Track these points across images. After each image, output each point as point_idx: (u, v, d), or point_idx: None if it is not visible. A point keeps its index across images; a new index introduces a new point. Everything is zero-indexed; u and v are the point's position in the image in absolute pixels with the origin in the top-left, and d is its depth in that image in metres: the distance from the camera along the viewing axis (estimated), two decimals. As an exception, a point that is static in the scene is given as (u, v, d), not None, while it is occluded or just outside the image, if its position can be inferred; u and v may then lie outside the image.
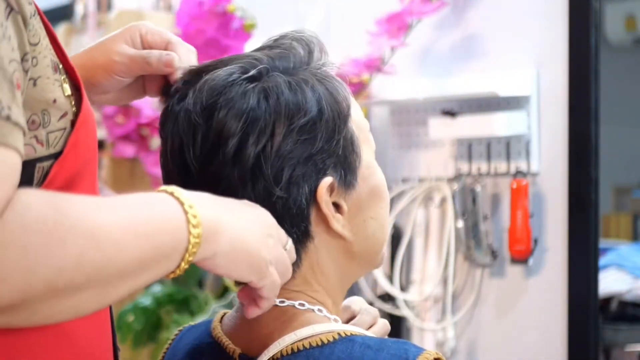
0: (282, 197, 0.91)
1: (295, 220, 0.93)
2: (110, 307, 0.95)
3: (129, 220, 0.76)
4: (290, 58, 0.96)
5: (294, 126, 0.91)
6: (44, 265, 0.70)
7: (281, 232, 0.91)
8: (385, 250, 1.04)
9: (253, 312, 0.92)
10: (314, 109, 0.92)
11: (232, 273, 0.87)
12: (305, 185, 0.92)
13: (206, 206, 0.83)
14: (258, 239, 0.87)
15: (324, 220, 0.95)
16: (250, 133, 0.89)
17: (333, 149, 0.93)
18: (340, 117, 0.94)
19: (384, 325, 1.07)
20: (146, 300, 2.72)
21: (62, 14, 3.59)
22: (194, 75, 0.96)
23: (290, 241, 0.92)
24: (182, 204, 0.81)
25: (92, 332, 0.89)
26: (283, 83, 0.92)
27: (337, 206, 0.95)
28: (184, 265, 0.81)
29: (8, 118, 0.71)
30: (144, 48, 1.03)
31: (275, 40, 1.00)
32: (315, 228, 0.95)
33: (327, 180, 0.93)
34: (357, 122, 0.98)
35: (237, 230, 0.85)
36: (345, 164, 0.95)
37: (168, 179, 0.95)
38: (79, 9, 3.43)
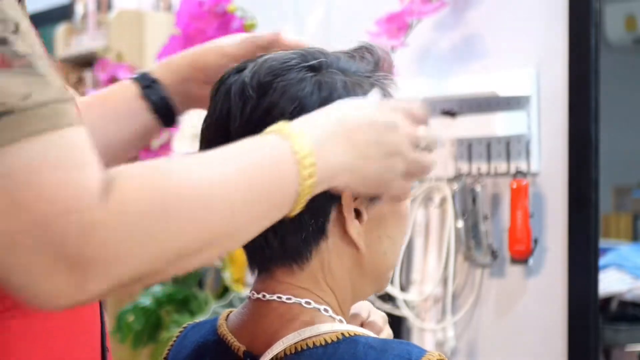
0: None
1: (315, 213, 0.93)
2: (101, 308, 0.96)
3: (238, 176, 0.78)
4: (355, 62, 0.99)
5: None
6: (167, 237, 0.72)
7: (413, 133, 0.91)
8: (390, 275, 1.05)
9: None
10: None
11: (354, 192, 0.91)
12: None
13: (321, 149, 0.83)
14: (380, 165, 0.88)
15: (342, 222, 0.95)
16: (297, 117, 0.90)
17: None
18: None
19: (388, 336, 1.07)
20: (146, 300, 2.72)
21: (62, 14, 3.59)
22: (256, 57, 0.99)
23: (425, 138, 0.92)
24: (295, 153, 0.82)
25: (75, 334, 0.89)
26: (339, 81, 0.94)
27: (358, 213, 0.96)
28: (298, 208, 0.84)
29: (70, 98, 0.73)
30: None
31: (355, 47, 1.03)
32: (332, 228, 0.95)
33: (348, 193, 0.94)
34: None
35: (358, 162, 0.87)
36: None
37: (206, 143, 0.97)
38: (79, 9, 3.43)
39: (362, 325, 1.07)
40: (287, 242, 0.94)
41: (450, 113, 2.22)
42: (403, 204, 1.00)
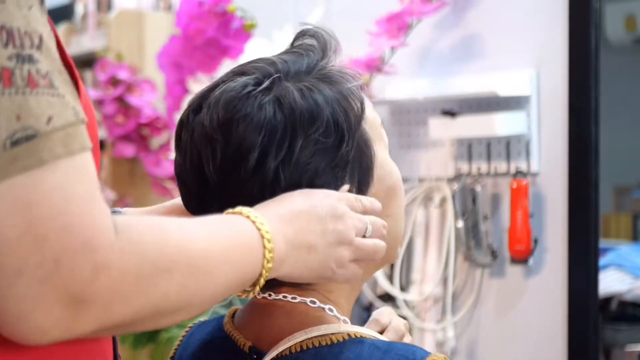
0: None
1: None
2: None
3: (219, 249, 0.81)
4: (304, 60, 0.96)
5: (311, 137, 0.91)
6: (154, 292, 0.74)
7: (357, 224, 0.92)
8: (401, 247, 1.05)
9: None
10: (328, 117, 0.92)
11: (298, 281, 0.92)
12: None
13: (278, 236, 0.86)
14: (323, 255, 0.90)
15: None
16: (270, 146, 0.90)
17: (348, 153, 0.94)
18: (353, 121, 0.94)
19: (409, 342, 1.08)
20: (146, 300, 2.72)
21: (62, 14, 3.59)
22: (209, 89, 0.96)
23: (369, 226, 0.93)
24: (262, 236, 0.84)
25: (87, 341, 0.89)
26: (295, 91, 0.92)
27: None
28: (257, 289, 0.86)
29: (83, 120, 0.73)
30: None
31: (298, 36, 1.01)
32: None
33: (344, 189, 0.94)
34: (370, 120, 0.98)
35: (302, 252, 0.88)
36: (361, 168, 0.96)
37: (185, 189, 0.96)
38: (79, 9, 3.43)
39: (382, 330, 1.07)
40: None
41: (450, 113, 2.22)
42: (394, 181, 1.00)
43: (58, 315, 0.70)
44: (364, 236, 0.93)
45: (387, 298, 2.37)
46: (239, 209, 0.85)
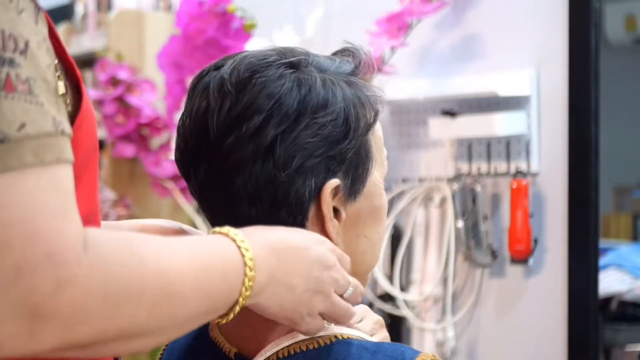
0: (285, 183, 0.92)
1: (293, 211, 0.93)
2: None
3: (197, 274, 0.78)
4: (334, 63, 0.99)
5: (317, 121, 0.92)
6: (120, 313, 0.71)
7: (340, 281, 0.91)
8: (369, 277, 1.05)
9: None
10: (340, 111, 0.94)
11: (265, 314, 0.90)
12: (312, 179, 0.93)
13: (262, 264, 0.84)
14: (299, 298, 0.88)
15: (321, 220, 0.95)
16: (275, 115, 0.91)
17: (347, 153, 0.94)
18: (363, 125, 0.96)
19: (384, 339, 1.07)
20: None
21: (62, 14, 3.59)
22: (235, 53, 0.98)
23: (351, 289, 0.93)
24: (244, 263, 0.82)
25: None
26: (318, 78, 0.94)
27: (336, 212, 0.96)
28: (231, 317, 0.84)
29: (63, 132, 0.72)
30: None
31: (337, 51, 1.03)
32: (311, 227, 0.95)
33: (334, 182, 0.94)
34: (377, 142, 0.99)
35: (280, 288, 0.87)
36: (355, 173, 0.96)
37: (183, 142, 0.96)
38: (79, 9, 3.43)
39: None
40: None
41: (450, 113, 2.22)
42: (381, 204, 1.00)
43: (13, 329, 0.66)
44: (342, 295, 0.92)
45: (387, 298, 2.37)
46: (226, 229, 0.84)
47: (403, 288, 2.35)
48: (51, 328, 0.67)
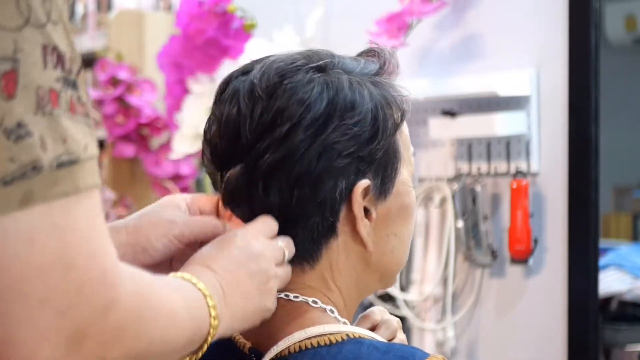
0: (315, 185, 0.93)
1: (325, 213, 0.95)
2: None
3: (184, 305, 0.80)
4: (360, 64, 1.00)
5: (345, 122, 0.94)
6: (145, 335, 0.73)
7: (275, 253, 0.93)
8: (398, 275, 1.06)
9: None
10: (368, 112, 0.95)
11: (237, 331, 0.94)
12: (343, 180, 0.94)
13: (217, 297, 0.86)
14: (257, 300, 0.91)
15: (352, 221, 0.96)
16: (305, 119, 0.93)
17: (376, 153, 0.96)
18: (390, 125, 0.98)
19: (401, 341, 1.07)
20: (146, 300, 2.72)
21: (62, 14, 3.58)
22: (262, 57, 0.99)
23: (286, 251, 0.94)
24: (205, 296, 0.84)
25: None
26: (345, 80, 0.96)
27: (366, 212, 0.97)
28: (199, 355, 0.86)
29: (97, 155, 0.72)
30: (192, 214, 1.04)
31: (361, 52, 1.04)
32: (342, 227, 0.96)
33: (364, 182, 0.95)
34: (405, 139, 1.02)
35: (238, 307, 0.89)
36: (384, 173, 0.98)
37: (215, 145, 0.97)
38: (79, 9, 3.43)
39: (374, 327, 1.07)
40: (298, 242, 0.95)
41: (450, 113, 2.22)
42: (410, 202, 1.01)
43: (54, 347, 0.66)
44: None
45: (387, 298, 2.37)
46: (179, 274, 0.86)
47: (403, 288, 2.35)
48: (91, 347, 0.68)
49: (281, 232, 0.95)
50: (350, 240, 0.97)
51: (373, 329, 1.06)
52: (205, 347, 0.85)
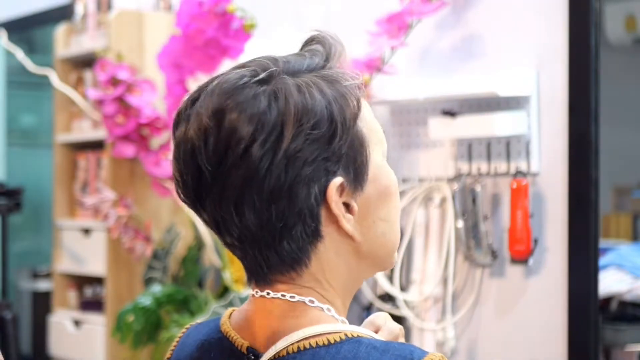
0: (289, 197, 0.92)
1: (306, 220, 0.94)
2: None
3: None
4: (305, 60, 0.98)
5: (302, 128, 0.92)
6: None
7: None
8: (397, 253, 1.04)
9: None
10: (323, 111, 0.93)
11: None
12: (315, 185, 0.93)
13: None
14: None
15: (335, 220, 0.95)
16: (259, 136, 0.91)
17: (342, 149, 0.94)
18: (349, 118, 0.95)
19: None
20: (146, 300, 2.72)
21: (62, 14, 3.59)
22: (209, 81, 0.97)
23: None
24: None
25: None
26: (292, 86, 0.93)
27: (347, 206, 0.96)
28: None
29: None
30: None
31: (305, 42, 1.02)
32: (326, 228, 0.95)
33: (337, 181, 0.94)
34: (368, 122, 0.98)
35: None
36: (355, 165, 0.96)
37: (182, 182, 0.96)
38: (79, 9, 3.43)
39: (376, 331, 1.07)
40: (284, 254, 0.95)
41: (450, 113, 2.22)
42: (389, 182, 1.00)
43: None
44: None
45: (387, 298, 2.37)
46: None
47: (403, 288, 2.35)
48: None
49: (267, 248, 0.94)
50: (338, 238, 0.96)
51: (375, 333, 1.06)
52: None
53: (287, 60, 0.97)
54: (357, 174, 0.96)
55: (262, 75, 0.94)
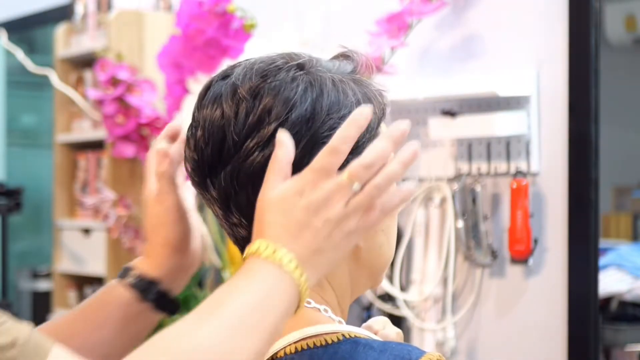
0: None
1: None
2: None
3: (255, 316, 0.82)
4: (336, 63, 1.00)
5: (331, 117, 0.94)
6: None
7: (338, 195, 0.86)
8: (385, 271, 1.05)
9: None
10: (352, 107, 0.94)
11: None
12: None
13: (300, 266, 0.85)
14: (332, 248, 0.86)
15: None
16: (290, 118, 0.92)
17: (364, 144, 0.95)
18: (373, 120, 0.96)
19: None
20: (146, 300, 2.72)
21: (62, 14, 3.59)
22: (240, 62, 0.99)
23: (355, 183, 0.86)
24: (293, 278, 0.84)
25: None
26: (327, 78, 0.95)
27: None
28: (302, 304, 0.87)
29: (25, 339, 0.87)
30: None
31: (334, 57, 1.03)
32: None
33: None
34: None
35: (316, 261, 0.86)
36: None
37: (200, 155, 0.96)
38: (79, 9, 3.43)
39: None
40: None
41: (450, 113, 2.22)
42: None
43: None
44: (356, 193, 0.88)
45: (387, 298, 2.37)
46: (256, 247, 0.85)
47: (403, 288, 2.35)
48: None
49: None
50: None
51: None
52: (303, 302, 0.86)
53: (319, 58, 0.99)
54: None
55: (299, 61, 0.96)
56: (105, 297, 1.10)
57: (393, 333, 1.09)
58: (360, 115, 0.86)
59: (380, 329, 1.08)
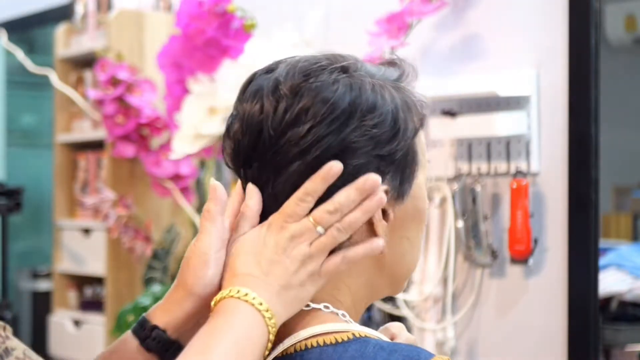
0: (333, 183, 0.94)
1: None
2: None
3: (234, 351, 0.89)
4: (382, 69, 1.01)
5: (365, 123, 0.95)
6: None
7: (305, 235, 0.94)
8: (408, 280, 1.06)
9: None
10: (388, 114, 0.96)
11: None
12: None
13: (273, 306, 0.93)
14: (298, 284, 0.94)
15: (369, 222, 0.96)
16: (327, 119, 0.94)
17: (396, 154, 0.96)
18: (410, 128, 0.98)
19: None
20: (146, 300, 2.72)
21: (62, 14, 3.59)
22: (285, 58, 1.00)
23: (319, 227, 0.94)
24: (262, 316, 0.91)
25: None
26: (368, 83, 0.97)
27: (384, 213, 0.97)
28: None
29: None
30: None
31: (380, 63, 1.05)
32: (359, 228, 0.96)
33: (383, 186, 0.95)
34: (422, 146, 1.01)
35: (285, 296, 0.94)
36: (403, 175, 0.98)
37: (237, 144, 0.98)
38: (79, 9, 3.43)
39: (391, 339, 1.07)
40: None
41: (450, 113, 2.22)
42: (424, 206, 1.02)
43: None
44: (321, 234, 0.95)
45: (388, 298, 2.37)
46: (227, 292, 0.92)
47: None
48: None
49: None
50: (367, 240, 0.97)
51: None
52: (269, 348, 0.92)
53: (364, 63, 1.00)
54: (402, 183, 0.98)
55: (343, 64, 0.97)
56: (119, 346, 1.09)
57: (410, 338, 1.09)
58: (329, 172, 0.93)
59: (397, 332, 1.08)
